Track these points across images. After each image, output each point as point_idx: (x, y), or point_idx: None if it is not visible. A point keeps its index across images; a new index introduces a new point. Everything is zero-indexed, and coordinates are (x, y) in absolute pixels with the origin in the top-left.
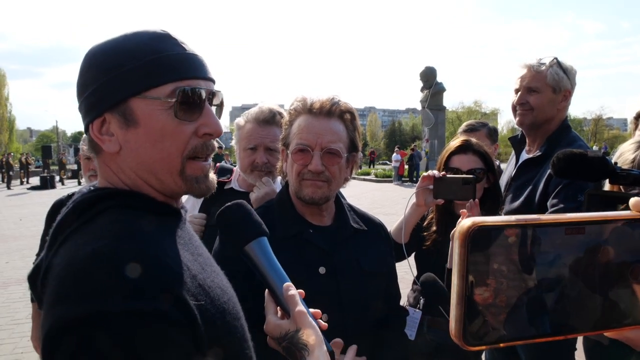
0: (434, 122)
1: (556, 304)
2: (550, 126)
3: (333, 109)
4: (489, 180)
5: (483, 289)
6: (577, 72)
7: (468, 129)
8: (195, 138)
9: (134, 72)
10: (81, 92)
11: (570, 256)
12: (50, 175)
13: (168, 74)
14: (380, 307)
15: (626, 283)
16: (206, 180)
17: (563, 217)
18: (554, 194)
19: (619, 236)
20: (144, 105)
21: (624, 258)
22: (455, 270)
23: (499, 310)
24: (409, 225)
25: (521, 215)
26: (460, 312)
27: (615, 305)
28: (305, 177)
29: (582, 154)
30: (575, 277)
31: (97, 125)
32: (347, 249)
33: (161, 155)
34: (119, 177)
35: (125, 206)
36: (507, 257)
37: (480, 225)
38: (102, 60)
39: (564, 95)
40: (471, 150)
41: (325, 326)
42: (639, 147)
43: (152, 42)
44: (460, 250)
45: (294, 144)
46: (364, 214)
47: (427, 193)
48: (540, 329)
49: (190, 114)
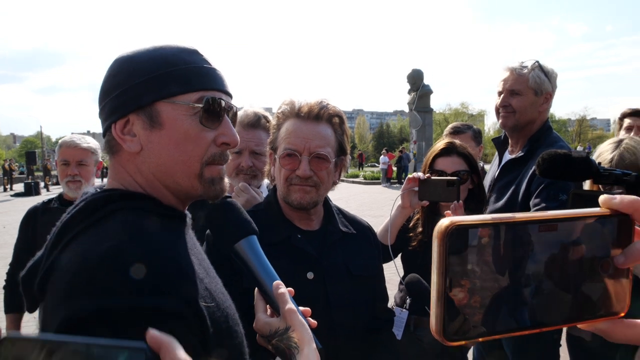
0: (422, 124)
1: (532, 299)
2: (532, 127)
3: (321, 113)
4: (473, 182)
5: (462, 289)
6: (557, 74)
7: (454, 131)
8: (214, 146)
9: (164, 77)
10: (105, 95)
11: (544, 252)
12: (35, 182)
13: (197, 82)
14: (368, 309)
15: (597, 277)
16: (221, 182)
17: (536, 215)
18: (536, 193)
19: (590, 232)
20: (171, 109)
21: (595, 253)
22: (434, 269)
23: (478, 307)
24: (395, 227)
25: (496, 214)
26: (440, 309)
27: (587, 299)
28: (294, 182)
29: (567, 155)
30: (549, 272)
31: (120, 125)
32: (335, 253)
33: (183, 158)
34: (134, 177)
35: (136, 208)
36: (485, 255)
37: (458, 225)
38: (131, 66)
39: (545, 98)
40: (455, 153)
41: (314, 324)
42: (616, 147)
43: (182, 53)
44: (439, 249)
45: (282, 148)
46: (352, 217)
47: (413, 195)
48: (519, 323)
49: (212, 122)
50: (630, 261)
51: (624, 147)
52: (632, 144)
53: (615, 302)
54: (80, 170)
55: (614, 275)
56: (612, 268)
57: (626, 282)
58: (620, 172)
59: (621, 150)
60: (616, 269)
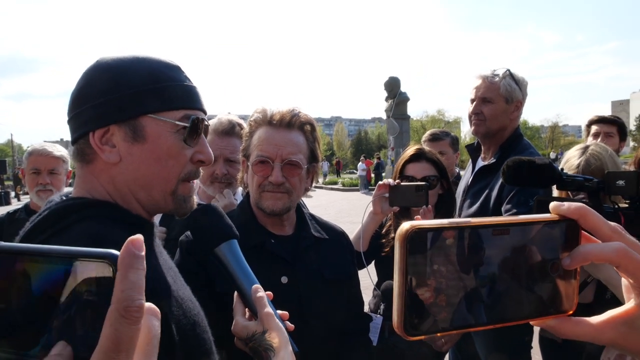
0: (399, 131)
1: (488, 297)
2: (503, 135)
3: (293, 121)
4: (443, 187)
5: (424, 289)
6: (527, 83)
7: (432, 138)
8: (190, 164)
9: (151, 93)
10: (83, 101)
11: (498, 255)
12: (5, 191)
13: (182, 100)
14: (343, 314)
15: (547, 278)
16: (191, 200)
17: (490, 220)
18: (507, 199)
19: (540, 236)
20: (155, 124)
21: (545, 255)
22: (396, 269)
23: (440, 307)
24: (367, 234)
25: (454, 219)
26: (401, 306)
27: (538, 297)
28: (266, 189)
29: (530, 162)
30: (503, 273)
31: (100, 134)
32: (309, 258)
33: (162, 174)
34: (106, 188)
35: (102, 216)
36: (444, 257)
37: (417, 228)
38: (117, 76)
39: (516, 106)
40: (424, 158)
41: (291, 327)
42: (583, 153)
43: (167, 70)
44: (400, 250)
45: (255, 155)
46: (325, 223)
47: (384, 201)
48: (476, 319)
49: (193, 140)
50: (576, 263)
51: (589, 153)
52: (597, 150)
53: (564, 301)
54: (52, 179)
55: (562, 276)
56: (561, 269)
57: (574, 283)
58: (582, 179)
59: (587, 156)
60: (564, 271)
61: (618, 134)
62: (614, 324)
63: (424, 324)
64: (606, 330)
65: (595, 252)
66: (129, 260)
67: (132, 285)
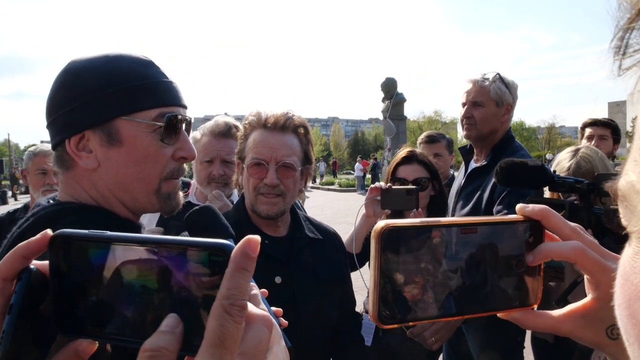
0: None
1: (456, 291)
2: (495, 137)
3: (287, 124)
4: (434, 189)
5: (397, 283)
6: (518, 86)
7: (429, 140)
8: (172, 161)
9: (123, 93)
10: (57, 108)
11: (466, 252)
12: (2, 191)
13: (155, 99)
14: (336, 313)
15: (513, 273)
16: (177, 197)
17: (459, 220)
18: (498, 200)
19: (507, 235)
20: (130, 126)
21: (510, 252)
22: (371, 264)
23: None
24: (360, 236)
25: (425, 219)
26: (375, 297)
27: (504, 292)
28: (262, 192)
29: (523, 163)
30: (471, 268)
31: (75, 141)
32: (303, 258)
33: (142, 175)
34: (89, 193)
35: (88, 221)
36: (415, 253)
37: (390, 226)
38: (85, 79)
39: (507, 109)
40: (416, 161)
41: (285, 324)
42: (573, 156)
43: (138, 67)
44: (375, 247)
45: (250, 158)
46: (319, 224)
47: (376, 204)
48: (445, 310)
49: (171, 138)
50: (538, 259)
51: (580, 155)
52: (588, 153)
53: (529, 295)
54: (58, 180)
55: (527, 272)
56: (525, 266)
57: (538, 278)
58: (573, 180)
59: (578, 158)
60: (529, 267)
61: (612, 137)
62: (572, 316)
63: (397, 315)
64: (565, 323)
65: (556, 250)
66: (240, 260)
67: (238, 285)
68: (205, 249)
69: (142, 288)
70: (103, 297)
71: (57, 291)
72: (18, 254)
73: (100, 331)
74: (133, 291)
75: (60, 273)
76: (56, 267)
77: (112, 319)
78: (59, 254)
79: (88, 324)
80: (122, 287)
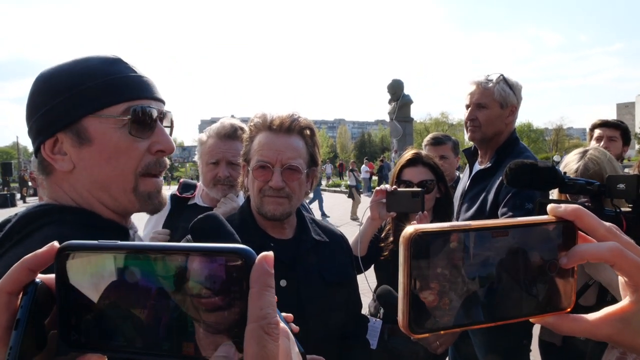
0: (402, 134)
1: (488, 297)
2: (499, 139)
3: (293, 126)
4: (440, 190)
5: (427, 291)
6: (522, 87)
7: (434, 142)
8: (149, 155)
9: (87, 92)
10: (31, 115)
11: (498, 256)
12: (11, 193)
13: (121, 93)
14: (342, 316)
15: (546, 277)
16: (158, 196)
17: (489, 223)
18: (503, 202)
19: (538, 237)
20: (98, 123)
21: (543, 256)
22: (400, 271)
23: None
24: (365, 239)
25: (455, 222)
26: (406, 306)
27: (538, 296)
28: (267, 194)
29: (533, 165)
30: (503, 273)
31: (50, 145)
32: (308, 261)
33: (115, 172)
34: (71, 196)
35: (66, 222)
36: (446, 259)
37: (420, 232)
38: (53, 83)
39: (511, 110)
40: (421, 163)
41: (297, 329)
42: (581, 158)
43: (103, 65)
44: (404, 253)
45: (255, 160)
46: (325, 226)
47: (381, 207)
48: (476, 318)
49: (143, 131)
50: (572, 262)
51: (588, 157)
52: (596, 155)
53: (563, 299)
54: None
55: (560, 275)
56: (559, 269)
57: (572, 281)
58: (584, 182)
59: (586, 160)
60: (562, 270)
61: (621, 138)
62: (609, 320)
63: (427, 323)
64: (602, 327)
65: (591, 252)
66: (263, 278)
67: (269, 303)
68: (221, 253)
69: (153, 298)
70: (112, 310)
71: (63, 305)
72: (24, 267)
73: (109, 344)
74: (144, 303)
75: (67, 286)
76: (62, 280)
77: (121, 331)
78: (65, 267)
79: (96, 337)
80: (132, 299)
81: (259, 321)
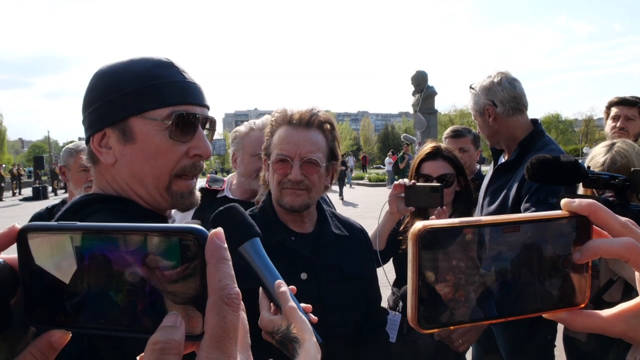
0: (426, 126)
1: (499, 292)
2: (514, 135)
3: (312, 120)
4: (460, 184)
5: (435, 285)
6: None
7: (454, 135)
8: (186, 158)
9: (136, 94)
10: (86, 108)
11: (510, 251)
12: (43, 186)
13: (167, 98)
14: (361, 309)
15: (559, 272)
16: (191, 197)
17: (500, 218)
18: (526, 197)
19: (552, 232)
20: (142, 124)
21: (557, 251)
22: (409, 266)
23: (452, 302)
24: (384, 233)
25: (465, 218)
26: (414, 301)
27: (551, 291)
28: (286, 186)
29: (555, 159)
30: (515, 268)
31: (98, 138)
32: (328, 255)
33: (153, 172)
34: (112, 186)
35: (114, 209)
36: (455, 255)
37: (429, 227)
38: (107, 81)
39: (488, 113)
40: (440, 156)
41: (315, 320)
42: (608, 151)
43: (155, 68)
44: (412, 249)
45: (275, 154)
46: (345, 220)
47: (400, 201)
48: (488, 313)
49: (183, 135)
50: (586, 257)
51: (615, 150)
52: (624, 147)
53: (577, 295)
54: None
55: (574, 270)
56: (572, 264)
57: (586, 276)
58: (608, 176)
59: (613, 153)
60: (576, 265)
61: None
62: (624, 316)
63: (436, 318)
64: (617, 323)
65: (605, 247)
66: (217, 252)
67: (226, 275)
68: (176, 233)
69: (114, 277)
70: (74, 288)
71: (27, 284)
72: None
73: (73, 321)
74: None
75: (30, 266)
76: (25, 260)
77: (86, 308)
78: (28, 247)
79: (60, 314)
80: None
81: (218, 292)
